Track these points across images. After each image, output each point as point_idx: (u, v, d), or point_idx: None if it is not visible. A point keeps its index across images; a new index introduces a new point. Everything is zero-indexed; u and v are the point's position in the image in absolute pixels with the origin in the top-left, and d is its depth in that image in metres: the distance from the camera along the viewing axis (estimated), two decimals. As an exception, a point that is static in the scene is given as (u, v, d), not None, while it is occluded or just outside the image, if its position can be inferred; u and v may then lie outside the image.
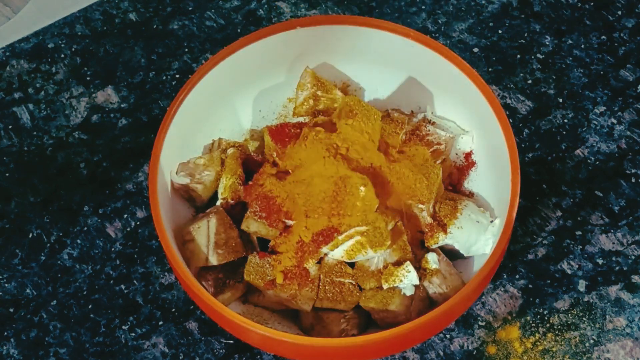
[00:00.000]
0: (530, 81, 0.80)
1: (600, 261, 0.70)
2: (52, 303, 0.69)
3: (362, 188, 0.61)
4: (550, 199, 0.73)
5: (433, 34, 0.83)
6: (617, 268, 0.69)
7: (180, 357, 0.66)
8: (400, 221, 0.63)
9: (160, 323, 0.68)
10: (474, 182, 0.69)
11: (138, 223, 0.73)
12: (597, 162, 0.75)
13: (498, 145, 0.63)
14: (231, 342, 0.67)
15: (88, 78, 0.82)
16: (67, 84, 0.81)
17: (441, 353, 0.66)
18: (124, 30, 0.85)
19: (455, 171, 0.69)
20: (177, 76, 0.82)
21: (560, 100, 0.79)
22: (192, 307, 0.68)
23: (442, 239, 0.63)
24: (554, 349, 0.66)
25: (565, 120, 0.77)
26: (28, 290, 0.70)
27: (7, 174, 0.76)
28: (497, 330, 0.67)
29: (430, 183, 0.64)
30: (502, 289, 0.69)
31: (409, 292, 0.61)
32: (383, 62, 0.71)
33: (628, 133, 0.76)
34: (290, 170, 0.64)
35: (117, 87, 0.81)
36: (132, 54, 0.83)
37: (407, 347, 0.65)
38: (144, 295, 0.69)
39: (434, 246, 0.64)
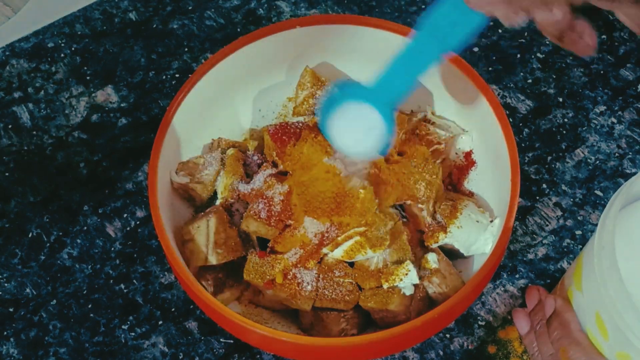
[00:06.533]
0: (530, 80, 0.80)
1: (600, 261, 0.70)
2: (51, 303, 0.69)
3: (361, 190, 0.61)
4: (550, 199, 0.73)
5: (433, 34, 0.82)
6: (617, 268, 0.69)
7: (180, 357, 0.66)
8: (399, 221, 0.63)
9: (160, 323, 0.68)
10: (474, 181, 0.69)
11: (138, 223, 0.73)
12: (597, 162, 0.75)
13: (498, 145, 0.62)
14: (231, 341, 0.67)
15: (88, 77, 0.82)
16: (66, 84, 0.81)
17: (441, 353, 0.66)
18: (123, 29, 0.85)
19: (455, 171, 0.69)
20: (177, 76, 0.81)
21: (560, 99, 0.79)
22: (191, 306, 0.68)
23: (442, 239, 0.63)
24: (554, 349, 0.66)
25: (565, 120, 0.77)
26: (28, 290, 0.70)
27: (7, 174, 0.76)
28: (497, 330, 0.67)
29: (430, 183, 0.64)
30: (502, 289, 0.69)
31: (409, 291, 0.61)
32: (383, 62, 0.70)
33: (628, 132, 0.76)
34: (290, 171, 0.64)
35: (117, 86, 0.81)
36: (132, 54, 0.83)
37: (407, 347, 0.65)
38: (144, 295, 0.69)
39: (433, 246, 0.64)
